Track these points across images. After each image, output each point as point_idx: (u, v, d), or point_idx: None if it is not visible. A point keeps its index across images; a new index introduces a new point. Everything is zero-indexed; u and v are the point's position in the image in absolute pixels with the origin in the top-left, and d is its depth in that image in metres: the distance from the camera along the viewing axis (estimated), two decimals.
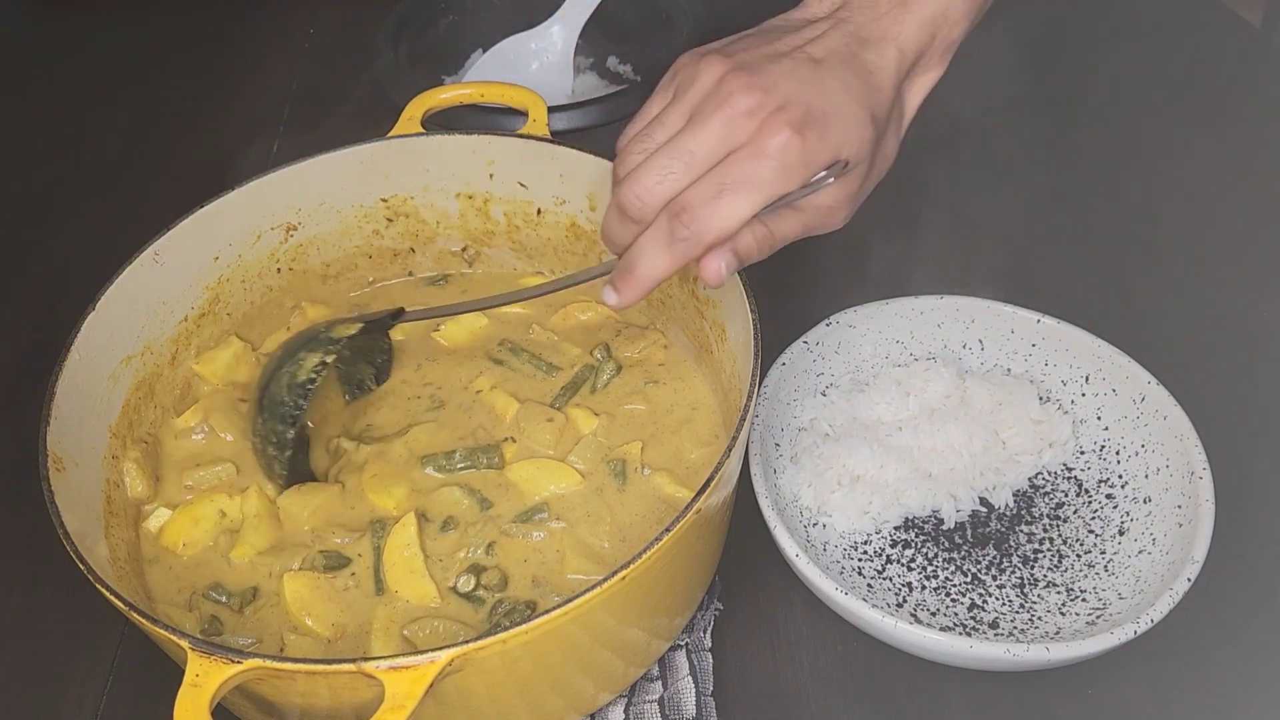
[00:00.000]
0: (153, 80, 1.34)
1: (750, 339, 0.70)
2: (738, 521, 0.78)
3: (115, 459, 0.76)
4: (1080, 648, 0.69)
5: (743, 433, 0.65)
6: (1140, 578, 0.76)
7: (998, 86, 1.22)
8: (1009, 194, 1.10)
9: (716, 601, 0.79)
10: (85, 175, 1.21)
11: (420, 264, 0.95)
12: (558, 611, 0.57)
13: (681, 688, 0.75)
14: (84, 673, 0.78)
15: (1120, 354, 0.84)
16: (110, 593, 0.60)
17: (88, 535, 0.67)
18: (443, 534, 0.75)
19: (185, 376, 0.84)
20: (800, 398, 0.88)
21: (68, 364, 0.71)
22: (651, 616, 0.69)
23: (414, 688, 0.54)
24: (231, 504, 0.77)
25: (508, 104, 0.92)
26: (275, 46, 1.38)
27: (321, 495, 0.77)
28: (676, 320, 0.86)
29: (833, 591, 0.72)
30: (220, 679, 0.55)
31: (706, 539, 0.71)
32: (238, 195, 0.83)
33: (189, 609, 0.72)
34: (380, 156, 0.87)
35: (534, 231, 0.91)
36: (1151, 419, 0.82)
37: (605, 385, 0.84)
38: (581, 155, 0.84)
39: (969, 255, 1.01)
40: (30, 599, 0.82)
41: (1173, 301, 1.01)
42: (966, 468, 0.83)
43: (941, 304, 0.89)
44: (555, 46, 1.13)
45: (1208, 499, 0.75)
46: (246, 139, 1.23)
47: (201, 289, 0.84)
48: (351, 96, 1.23)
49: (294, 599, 0.71)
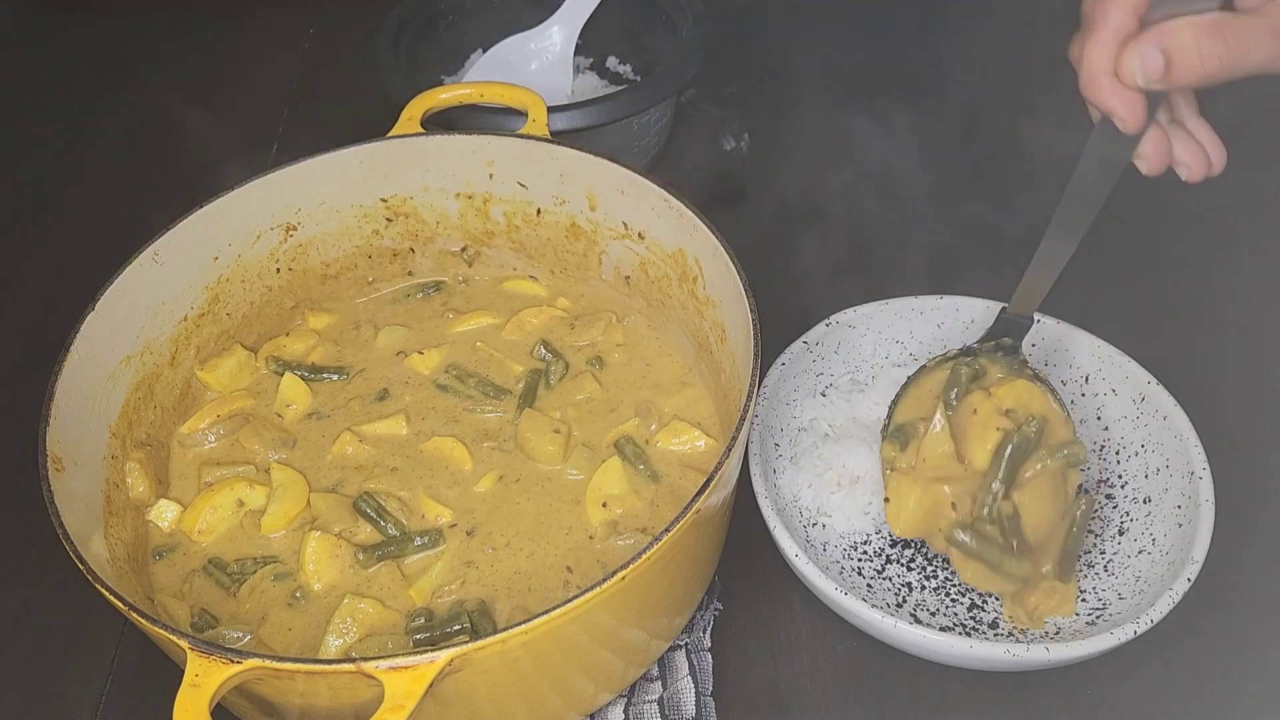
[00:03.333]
0: (153, 80, 1.34)
1: (750, 339, 0.70)
2: (738, 521, 0.78)
3: (115, 459, 0.76)
4: (1080, 648, 0.69)
5: (742, 433, 0.65)
6: (1140, 578, 0.76)
7: (997, 87, 1.22)
8: (1009, 194, 1.10)
9: (716, 601, 0.79)
10: (85, 175, 1.21)
11: (420, 264, 0.95)
12: (557, 611, 0.57)
13: (681, 688, 0.75)
14: (84, 673, 0.78)
15: (1120, 354, 0.84)
16: (109, 592, 0.60)
17: (87, 535, 0.67)
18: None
19: (185, 377, 0.84)
20: (800, 398, 0.88)
21: (67, 364, 0.71)
22: (651, 616, 0.69)
23: (414, 688, 0.54)
24: (251, 493, 0.78)
25: (508, 104, 0.92)
26: (275, 46, 1.38)
27: None
28: (676, 320, 0.86)
29: (832, 591, 0.72)
30: (220, 679, 0.55)
31: (706, 539, 0.71)
32: (237, 195, 0.83)
33: (181, 598, 0.73)
34: (380, 156, 0.87)
35: (534, 231, 0.91)
36: (1151, 419, 0.82)
37: (559, 381, 0.86)
38: (581, 155, 0.84)
39: (969, 255, 1.01)
40: (30, 599, 0.82)
41: (1173, 301, 1.01)
42: None
43: (941, 304, 0.89)
44: (555, 46, 1.13)
45: (1207, 499, 0.75)
46: (246, 139, 1.23)
47: (201, 289, 0.84)
48: (351, 96, 1.23)
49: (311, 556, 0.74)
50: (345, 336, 0.91)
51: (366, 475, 0.80)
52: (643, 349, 0.89)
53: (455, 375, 0.86)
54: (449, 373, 0.87)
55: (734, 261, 0.74)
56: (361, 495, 0.78)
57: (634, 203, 0.84)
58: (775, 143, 1.17)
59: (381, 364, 0.89)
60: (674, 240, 0.82)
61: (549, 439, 0.81)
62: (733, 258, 0.75)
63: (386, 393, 0.86)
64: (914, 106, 1.13)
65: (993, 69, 1.23)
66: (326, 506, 0.78)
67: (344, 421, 0.84)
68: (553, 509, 0.78)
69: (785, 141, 1.17)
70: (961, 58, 1.21)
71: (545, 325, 0.91)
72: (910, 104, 1.11)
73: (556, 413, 0.84)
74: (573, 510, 0.77)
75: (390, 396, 0.86)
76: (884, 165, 1.08)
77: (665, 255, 0.84)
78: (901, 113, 1.13)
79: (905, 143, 1.11)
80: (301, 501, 0.78)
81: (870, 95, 1.16)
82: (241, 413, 0.85)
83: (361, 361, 0.89)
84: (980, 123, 1.16)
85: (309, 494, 0.79)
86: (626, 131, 1.03)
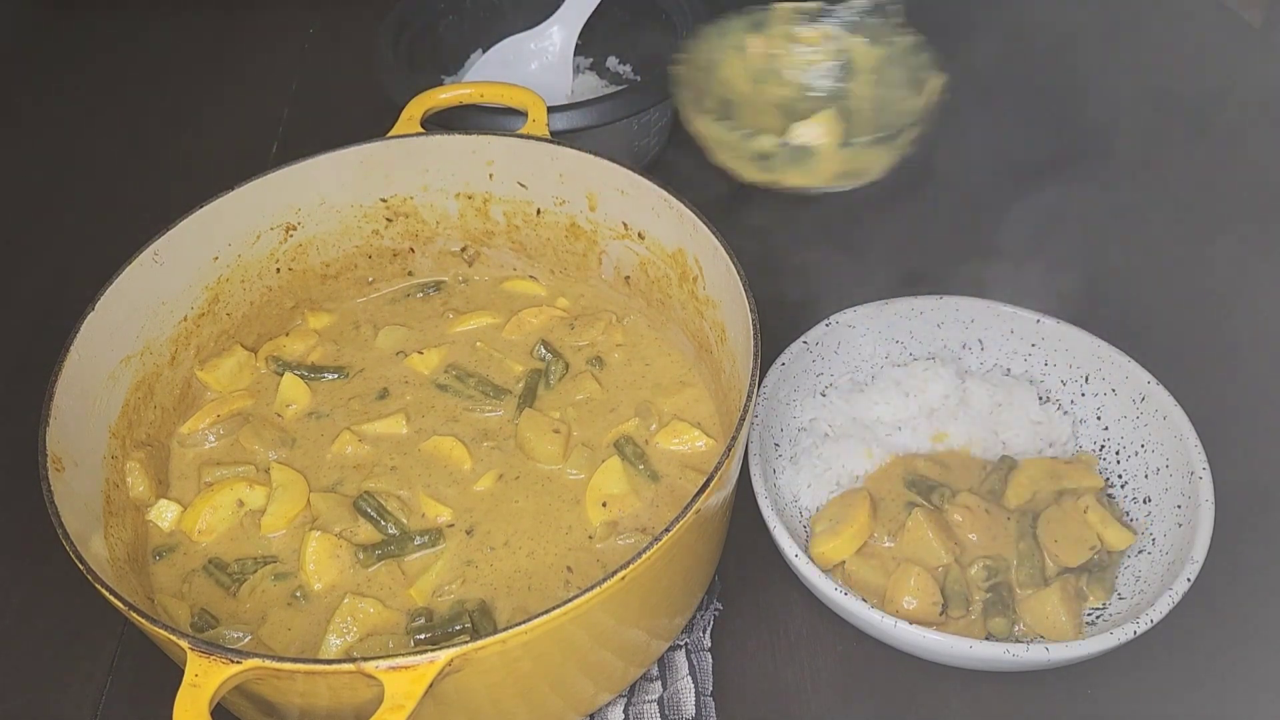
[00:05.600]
0: (153, 80, 1.34)
1: (750, 339, 0.70)
2: (738, 521, 0.78)
3: (115, 459, 0.76)
4: (1079, 648, 0.69)
5: (742, 433, 0.65)
6: (1140, 578, 0.76)
7: (997, 88, 1.22)
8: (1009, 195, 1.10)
9: (716, 601, 0.79)
10: (85, 175, 1.21)
11: (420, 264, 0.95)
12: (557, 611, 0.57)
13: (681, 688, 0.75)
14: (84, 673, 0.78)
15: (1120, 354, 0.84)
16: (109, 592, 0.60)
17: (87, 535, 0.67)
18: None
19: (185, 377, 0.84)
20: (800, 398, 0.88)
21: (67, 364, 0.71)
22: (651, 616, 0.69)
23: (413, 688, 0.54)
24: (251, 493, 0.78)
25: (508, 104, 0.92)
26: (275, 46, 1.38)
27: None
28: (676, 320, 0.86)
29: (832, 591, 0.72)
30: (220, 679, 0.55)
31: (706, 539, 0.71)
32: (237, 195, 0.83)
33: (181, 597, 0.73)
34: (380, 156, 0.87)
35: (533, 231, 0.91)
36: (1151, 419, 0.82)
37: (559, 381, 0.86)
38: (581, 155, 0.84)
39: (969, 255, 1.00)
40: (30, 599, 0.82)
41: (1173, 301, 1.01)
42: None
43: (941, 304, 0.89)
44: (555, 46, 1.13)
45: (1207, 499, 0.75)
46: (246, 139, 1.23)
47: (201, 289, 0.84)
48: (351, 96, 1.23)
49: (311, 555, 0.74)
50: (345, 336, 0.91)
51: (366, 474, 0.80)
52: (642, 349, 0.89)
53: (455, 375, 0.86)
54: (449, 373, 0.87)
55: (734, 261, 0.74)
56: (362, 495, 0.78)
57: (634, 203, 0.84)
58: None
59: (381, 364, 0.89)
60: (674, 240, 0.82)
61: (549, 439, 0.81)
62: (733, 258, 0.75)
63: (386, 392, 0.86)
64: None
65: (988, 67, 1.23)
66: (326, 506, 0.78)
67: (344, 421, 0.84)
68: (552, 509, 0.78)
69: None
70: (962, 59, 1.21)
71: (545, 325, 0.91)
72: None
73: (556, 412, 0.84)
74: (573, 510, 0.77)
75: (390, 396, 0.86)
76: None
77: (665, 255, 0.84)
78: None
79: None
80: (301, 501, 0.78)
81: None
82: (241, 413, 0.85)
83: (361, 361, 0.89)
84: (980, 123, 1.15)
85: (309, 493, 0.79)
86: (626, 131, 1.03)
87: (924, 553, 0.77)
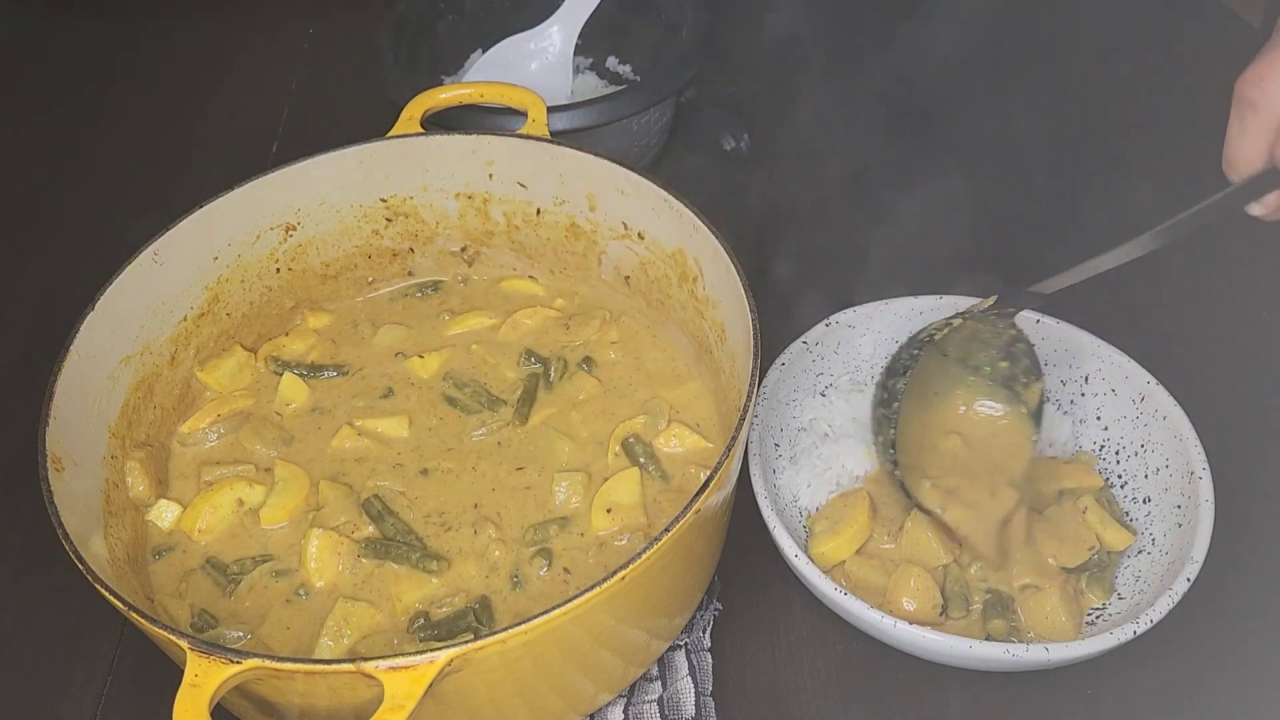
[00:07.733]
0: (153, 80, 1.34)
1: (750, 339, 0.70)
2: (738, 521, 0.78)
3: (115, 459, 0.76)
4: (1080, 648, 0.69)
5: (742, 433, 0.65)
6: (1140, 578, 0.76)
7: (997, 89, 1.22)
8: (1008, 196, 1.10)
9: (716, 601, 0.79)
10: (85, 176, 1.21)
11: (419, 264, 0.95)
12: (557, 611, 0.57)
13: (681, 688, 0.75)
14: (84, 673, 0.78)
15: (1120, 354, 0.84)
16: (109, 593, 0.60)
17: (87, 535, 0.67)
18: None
19: (185, 377, 0.84)
20: (799, 398, 0.88)
21: (67, 364, 0.71)
22: (651, 616, 0.69)
23: (413, 688, 0.54)
24: (251, 492, 0.78)
25: (507, 104, 0.92)
26: (275, 46, 1.38)
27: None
28: (676, 320, 0.86)
29: (832, 591, 0.72)
30: (219, 679, 0.55)
31: (706, 539, 0.71)
32: (237, 195, 0.83)
33: (181, 597, 0.73)
34: (380, 156, 0.87)
35: (533, 231, 0.91)
36: (1151, 419, 0.82)
37: (559, 381, 0.86)
38: (581, 155, 0.84)
39: (969, 255, 1.00)
40: (30, 599, 0.82)
41: (1173, 301, 1.00)
42: None
43: (941, 304, 0.89)
44: (555, 47, 1.13)
45: (1207, 499, 0.75)
46: (246, 139, 1.23)
47: (201, 289, 0.84)
48: (351, 96, 1.23)
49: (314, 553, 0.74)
50: (344, 335, 0.91)
51: (369, 472, 0.80)
52: (638, 347, 0.89)
53: (454, 384, 0.86)
54: (448, 380, 0.87)
55: (734, 261, 0.74)
56: (371, 496, 0.78)
57: (634, 203, 0.84)
58: (775, 143, 1.17)
59: (380, 363, 0.89)
60: (674, 240, 0.82)
61: (550, 439, 0.80)
62: (733, 258, 0.75)
63: (391, 391, 0.86)
64: (915, 105, 1.13)
65: (989, 68, 1.23)
66: (328, 499, 0.78)
67: (344, 417, 0.84)
68: (553, 509, 0.78)
69: (785, 141, 1.16)
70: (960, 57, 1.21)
71: (540, 325, 0.90)
72: (911, 103, 1.12)
73: (557, 412, 0.84)
74: (574, 511, 0.77)
75: (394, 395, 0.86)
76: (885, 164, 1.08)
77: (665, 255, 0.84)
78: (902, 112, 1.13)
79: (906, 141, 1.11)
80: (301, 495, 0.78)
81: (870, 94, 1.16)
82: (241, 412, 0.85)
83: (360, 360, 0.89)
84: (980, 123, 1.15)
85: (309, 487, 0.79)
86: (626, 131, 1.03)
87: (924, 553, 0.77)
